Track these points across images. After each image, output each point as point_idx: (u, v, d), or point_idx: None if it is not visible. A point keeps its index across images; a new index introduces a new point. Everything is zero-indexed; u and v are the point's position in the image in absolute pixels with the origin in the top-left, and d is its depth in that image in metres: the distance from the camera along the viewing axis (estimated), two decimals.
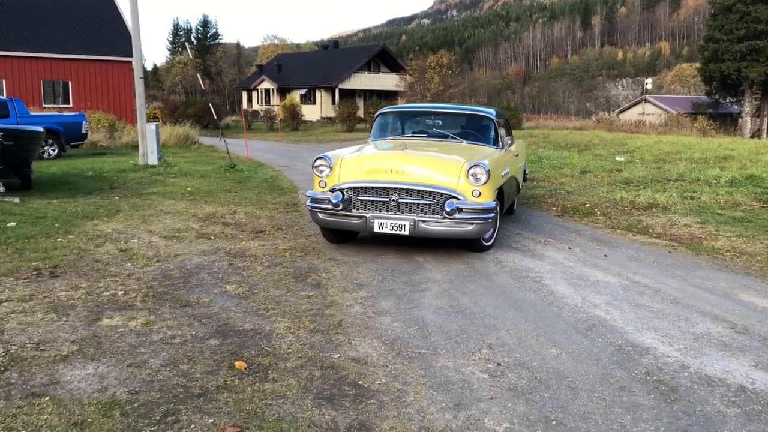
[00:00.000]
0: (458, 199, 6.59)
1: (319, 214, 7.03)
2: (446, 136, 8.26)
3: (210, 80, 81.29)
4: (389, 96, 50.78)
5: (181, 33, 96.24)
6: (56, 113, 22.42)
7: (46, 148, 18.43)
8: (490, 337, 4.68)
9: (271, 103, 54.87)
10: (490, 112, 8.53)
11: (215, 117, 18.14)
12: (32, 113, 19.58)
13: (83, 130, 19.99)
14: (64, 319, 4.85)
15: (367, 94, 53.08)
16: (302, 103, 48.61)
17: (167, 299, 5.38)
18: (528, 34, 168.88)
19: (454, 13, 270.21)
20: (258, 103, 58.60)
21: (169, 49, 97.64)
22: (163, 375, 3.94)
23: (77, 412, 3.45)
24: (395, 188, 6.69)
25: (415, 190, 6.64)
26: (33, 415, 3.41)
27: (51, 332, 4.57)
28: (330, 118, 47.88)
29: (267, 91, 58.58)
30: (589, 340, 4.68)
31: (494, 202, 6.82)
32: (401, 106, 9.46)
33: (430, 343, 4.56)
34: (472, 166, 6.68)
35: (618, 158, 16.68)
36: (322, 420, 3.44)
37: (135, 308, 5.13)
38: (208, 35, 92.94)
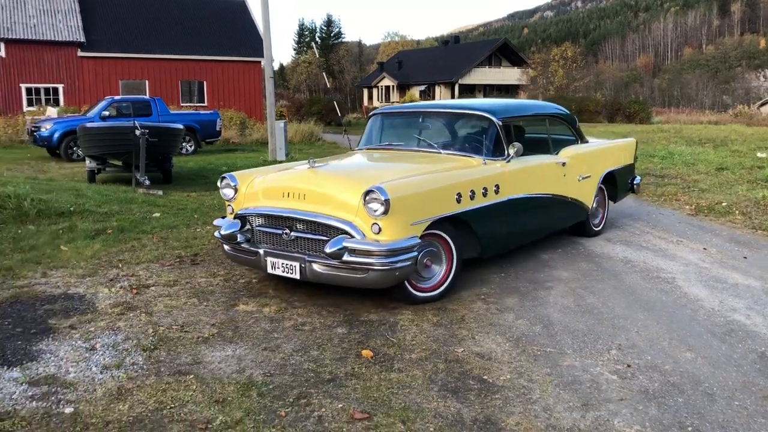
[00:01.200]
0: (351, 236, 4.87)
1: (224, 246, 5.71)
2: (430, 146, 6.38)
3: (333, 78, 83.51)
4: (510, 90, 50.05)
5: (307, 33, 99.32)
6: (193, 111, 23.87)
7: (184, 144, 19.67)
8: (619, 338, 4.54)
9: (391, 100, 55.57)
10: (490, 109, 6.29)
11: (339, 115, 18.66)
12: (171, 112, 20.96)
13: (217, 128, 21.15)
14: (205, 303, 5.20)
15: (488, 89, 52.57)
16: (421, 99, 48.87)
17: (297, 288, 5.62)
18: (658, 24, 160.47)
19: (579, 4, 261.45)
20: (378, 100, 59.52)
21: (294, 49, 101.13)
22: (295, 360, 4.13)
23: (218, 390, 3.71)
24: (288, 217, 5.22)
25: (308, 221, 5.11)
26: (180, 390, 3.69)
27: (193, 315, 4.91)
28: None
29: (387, 88, 59.36)
30: (728, 345, 4.43)
31: (411, 241, 4.88)
32: (391, 107, 7.42)
33: (556, 341, 4.49)
34: (366, 193, 4.85)
35: (759, 154, 15.56)
36: (447, 411, 3.49)
37: (268, 296, 5.40)
38: (332, 34, 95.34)
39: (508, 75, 52.70)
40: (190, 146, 20.16)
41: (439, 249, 5.33)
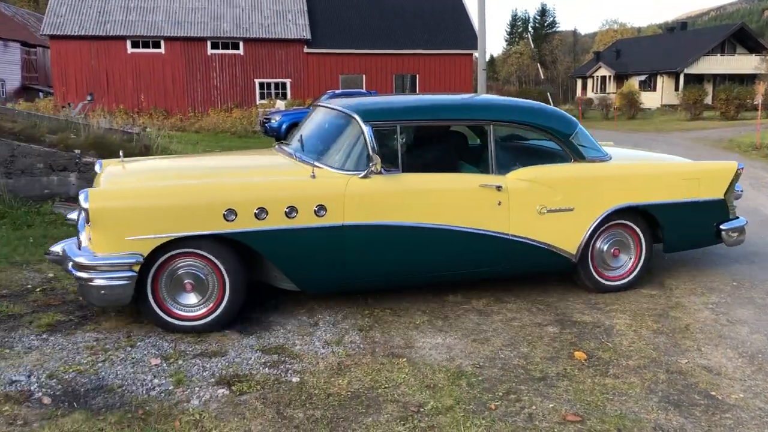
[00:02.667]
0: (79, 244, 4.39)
1: None
2: (295, 148, 5.29)
3: (544, 69, 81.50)
4: (745, 81, 45.25)
5: (519, 23, 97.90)
6: None
7: None
8: None
9: (607, 91, 52.95)
10: (357, 107, 4.92)
11: (551, 106, 18.18)
12: None
13: None
14: (417, 291, 5.33)
15: (718, 79, 48.01)
16: (641, 90, 45.95)
17: (508, 283, 5.57)
18: None
19: None
20: (593, 90, 56.99)
21: (506, 40, 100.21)
22: (504, 354, 4.11)
23: (429, 376, 3.80)
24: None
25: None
26: (393, 372, 3.85)
27: (407, 302, 5.06)
28: (672, 106, 44.44)
29: (603, 78, 56.61)
30: None
31: (124, 258, 4.09)
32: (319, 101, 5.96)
33: None
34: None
35: None
36: (668, 425, 3.26)
37: (478, 288, 5.40)
38: (546, 24, 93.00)
39: (744, 63, 47.67)
40: None
41: (206, 273, 4.38)
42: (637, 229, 5.34)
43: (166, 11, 31.55)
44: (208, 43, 31.62)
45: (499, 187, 4.86)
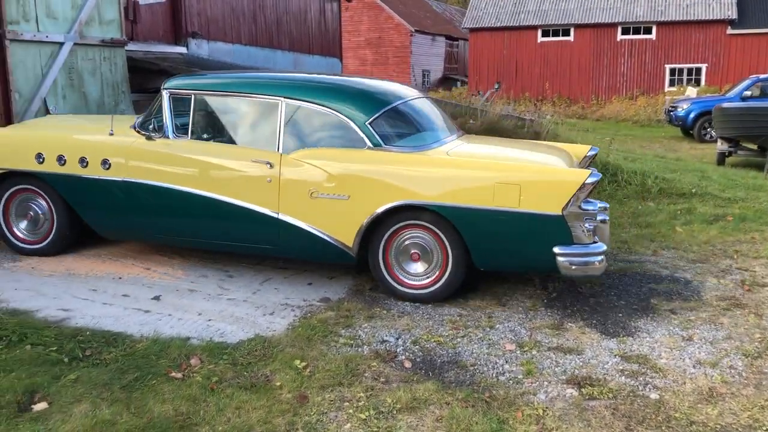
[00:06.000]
0: None
1: None
2: None
3: None
4: None
5: None
6: None
7: None
8: None
9: None
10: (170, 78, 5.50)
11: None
12: None
13: None
14: None
15: None
16: None
17: None
18: None
19: None
20: None
21: None
22: None
23: None
24: None
25: None
26: None
27: None
28: None
29: None
30: None
31: None
32: None
33: None
34: None
35: None
36: None
37: None
38: None
39: None
40: None
41: (42, 209, 5.46)
42: (443, 236, 4.54)
43: None
44: (619, 29, 30.60)
45: (269, 164, 4.77)
